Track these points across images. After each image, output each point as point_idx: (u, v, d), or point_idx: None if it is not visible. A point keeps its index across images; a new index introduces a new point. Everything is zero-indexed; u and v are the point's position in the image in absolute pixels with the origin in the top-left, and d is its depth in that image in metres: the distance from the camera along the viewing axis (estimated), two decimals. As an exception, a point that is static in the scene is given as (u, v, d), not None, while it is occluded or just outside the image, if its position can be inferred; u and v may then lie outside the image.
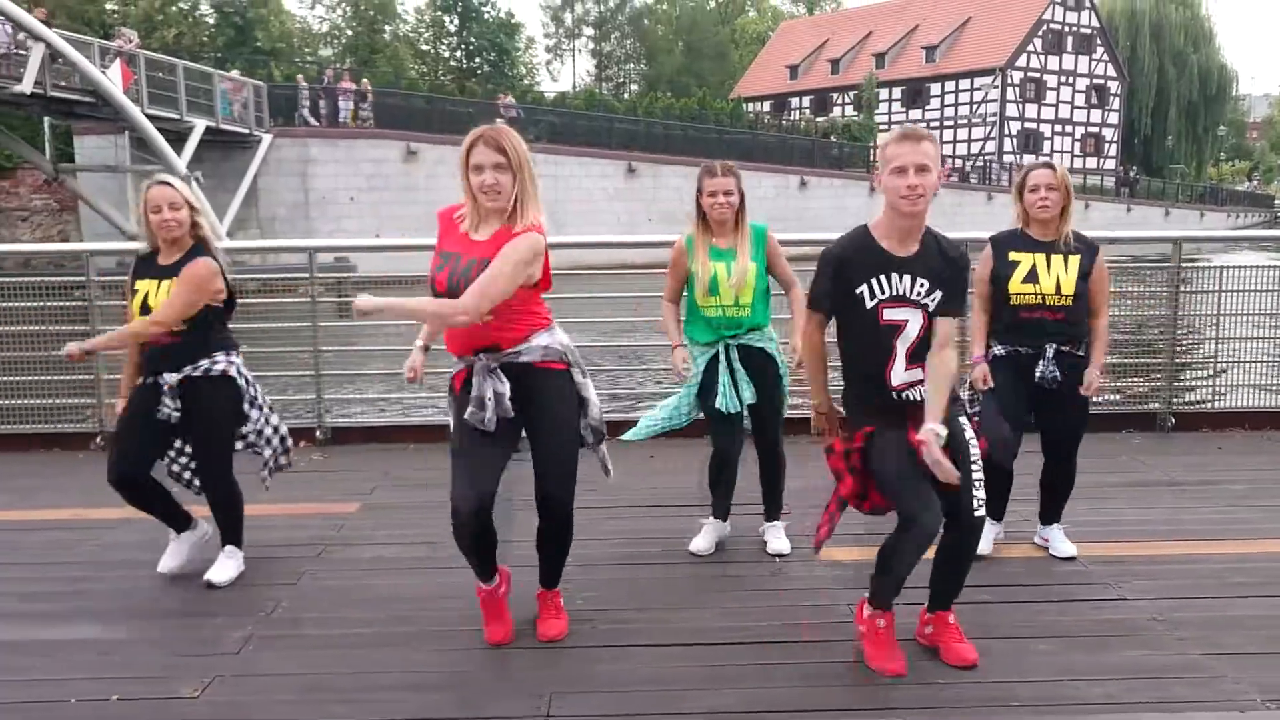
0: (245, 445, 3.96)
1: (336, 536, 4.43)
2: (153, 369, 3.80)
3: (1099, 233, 5.60)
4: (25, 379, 6.24)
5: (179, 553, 3.97)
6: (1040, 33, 55.46)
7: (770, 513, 4.24)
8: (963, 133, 55.64)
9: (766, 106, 60.54)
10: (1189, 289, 6.56)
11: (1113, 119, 58.90)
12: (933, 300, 2.96)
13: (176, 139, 23.69)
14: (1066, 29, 56.45)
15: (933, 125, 54.28)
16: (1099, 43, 57.56)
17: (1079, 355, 3.94)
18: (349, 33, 54.95)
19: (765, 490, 4.21)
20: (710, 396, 3.98)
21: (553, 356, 3.18)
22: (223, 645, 3.35)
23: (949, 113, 56.24)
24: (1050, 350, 3.87)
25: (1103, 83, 58.05)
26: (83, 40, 22.69)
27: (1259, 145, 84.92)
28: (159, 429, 3.80)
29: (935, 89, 56.87)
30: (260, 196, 27.24)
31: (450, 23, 56.89)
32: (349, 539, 4.40)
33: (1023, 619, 3.49)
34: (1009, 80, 54.70)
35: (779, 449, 4.16)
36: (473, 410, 3.10)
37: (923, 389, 2.98)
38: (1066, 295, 3.85)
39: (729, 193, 3.89)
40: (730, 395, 3.94)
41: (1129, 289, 7.15)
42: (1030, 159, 4.06)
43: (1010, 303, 3.90)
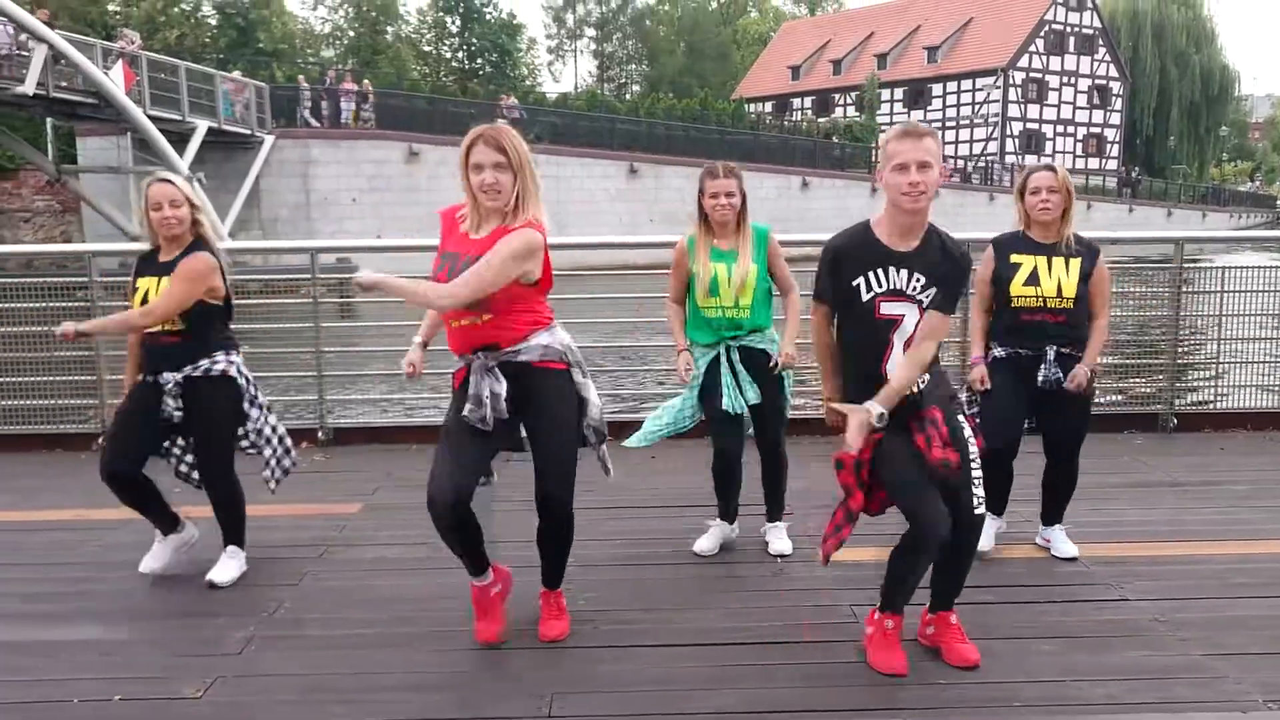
0: (246, 445, 3.96)
1: (339, 537, 4.43)
2: (153, 368, 3.80)
3: (1101, 233, 5.60)
4: (28, 380, 6.25)
5: (162, 554, 3.95)
6: (1042, 33, 55.47)
7: (772, 513, 4.24)
8: (964, 133, 55.65)
9: (768, 107, 60.56)
10: (1191, 289, 6.55)
11: (1115, 119, 58.89)
12: (928, 296, 2.96)
13: (179, 140, 23.75)
14: (1068, 29, 56.44)
15: (935, 126, 54.06)
16: (1101, 43, 57.55)
17: (1079, 358, 3.94)
18: (351, 34, 55.02)
19: (767, 491, 4.21)
20: (713, 399, 3.98)
21: (552, 356, 3.17)
22: (225, 646, 3.35)
23: (951, 113, 56.25)
24: (1051, 353, 3.87)
25: (1105, 83, 58.03)
26: (85, 41, 22.74)
27: (1261, 146, 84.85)
28: (157, 427, 3.80)
29: (937, 89, 56.88)
30: (262, 197, 27.29)
31: (452, 24, 56.97)
32: (351, 540, 4.41)
33: (1025, 619, 3.49)
34: (1011, 81, 54.70)
35: (781, 449, 4.16)
36: (470, 408, 3.10)
37: (920, 381, 2.99)
38: (1068, 298, 3.85)
39: (731, 194, 3.88)
40: (735, 396, 3.94)
41: (1131, 289, 7.15)
42: (1032, 160, 4.05)
43: (1012, 305, 3.91)
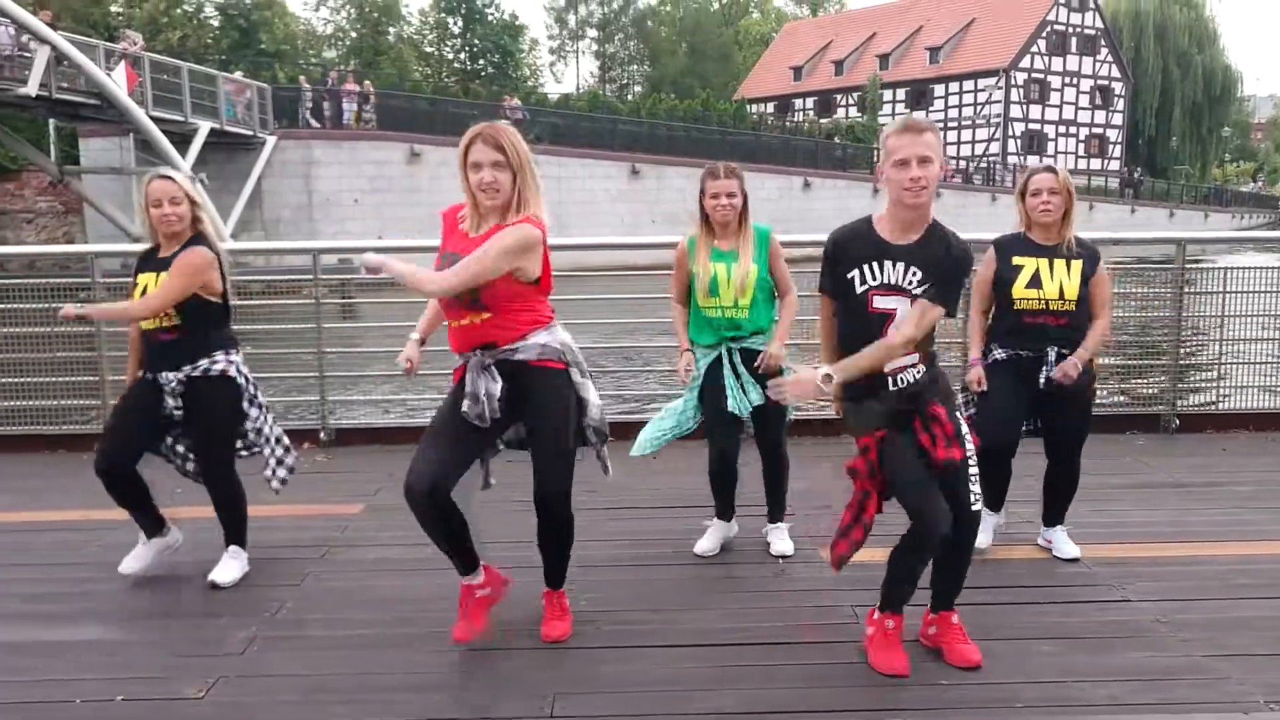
0: (245, 445, 3.96)
1: (340, 538, 4.43)
2: (153, 366, 3.80)
3: (1103, 234, 5.60)
4: (31, 381, 6.26)
5: (145, 556, 3.94)
6: (1044, 34, 55.43)
7: (774, 514, 4.24)
8: (967, 134, 55.62)
9: (770, 108, 60.56)
10: (1193, 290, 6.55)
11: (1117, 120, 58.83)
12: (924, 291, 2.95)
13: (181, 141, 23.78)
14: (1070, 30, 56.39)
15: (937, 126, 54.17)
16: (1103, 44, 57.49)
17: None
18: (353, 35, 55.07)
19: (768, 492, 4.21)
20: (712, 400, 3.98)
21: (550, 355, 3.15)
22: (227, 646, 3.36)
23: (953, 114, 56.19)
24: (1052, 354, 3.87)
25: (1107, 84, 57.98)
26: (88, 43, 22.80)
27: (1263, 146, 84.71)
28: (154, 424, 3.81)
29: (939, 90, 56.84)
30: (264, 198, 27.32)
31: (454, 25, 57.04)
32: (353, 540, 4.41)
33: (1026, 620, 3.49)
34: (1013, 81, 54.67)
35: (782, 450, 4.15)
36: (468, 405, 3.11)
37: (915, 373, 2.99)
38: (1070, 300, 3.85)
39: (731, 194, 3.89)
40: (740, 397, 3.94)
41: (1133, 290, 7.15)
42: (1034, 160, 4.07)
43: (1014, 307, 3.91)
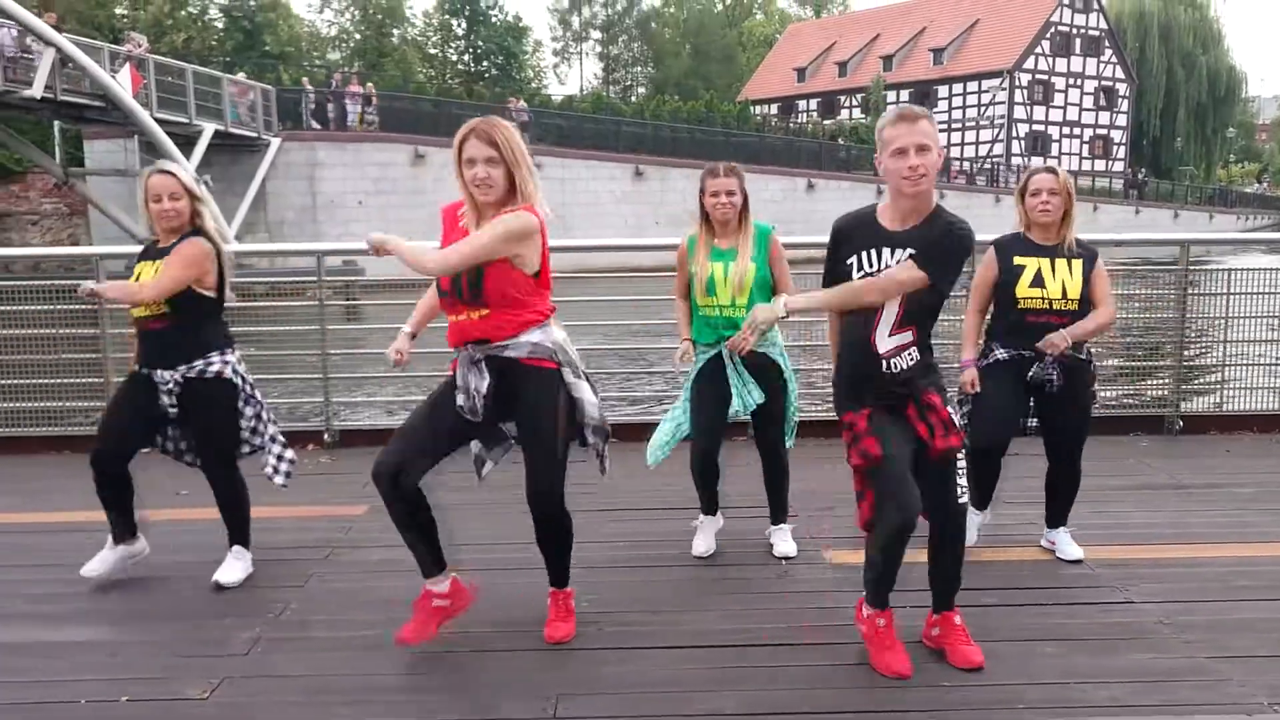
0: (243, 444, 3.96)
1: (344, 539, 4.44)
2: (147, 359, 3.80)
3: (1107, 235, 5.60)
4: (35, 382, 6.28)
5: (108, 560, 3.89)
6: (1048, 35, 55.36)
7: (776, 515, 4.24)
8: (970, 135, 55.57)
9: (774, 109, 60.54)
10: (1197, 291, 6.54)
11: (1121, 121, 58.74)
12: (911, 256, 2.95)
13: (185, 143, 23.84)
14: (1074, 31, 56.33)
15: (940, 128, 53.99)
16: (1107, 45, 57.40)
17: (1081, 359, 3.95)
18: (357, 36, 55.12)
19: (770, 493, 4.21)
20: (703, 398, 4.01)
21: (541, 354, 3.14)
22: (231, 647, 3.37)
23: (957, 115, 56.15)
24: (1052, 354, 3.87)
25: (1111, 85, 57.90)
26: (93, 45, 22.86)
27: (1268, 147, 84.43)
28: (149, 421, 3.81)
29: (943, 91, 56.78)
30: (268, 200, 27.35)
31: (458, 26, 57.04)
32: (357, 541, 4.42)
33: (1029, 622, 3.49)
34: (1017, 82, 54.60)
35: (781, 451, 4.15)
36: (460, 399, 3.13)
37: (909, 357, 3.00)
38: (1072, 299, 3.86)
39: (731, 193, 3.90)
40: (745, 395, 3.96)
41: (1137, 291, 7.14)
42: (1038, 161, 4.08)
43: (1017, 306, 3.91)
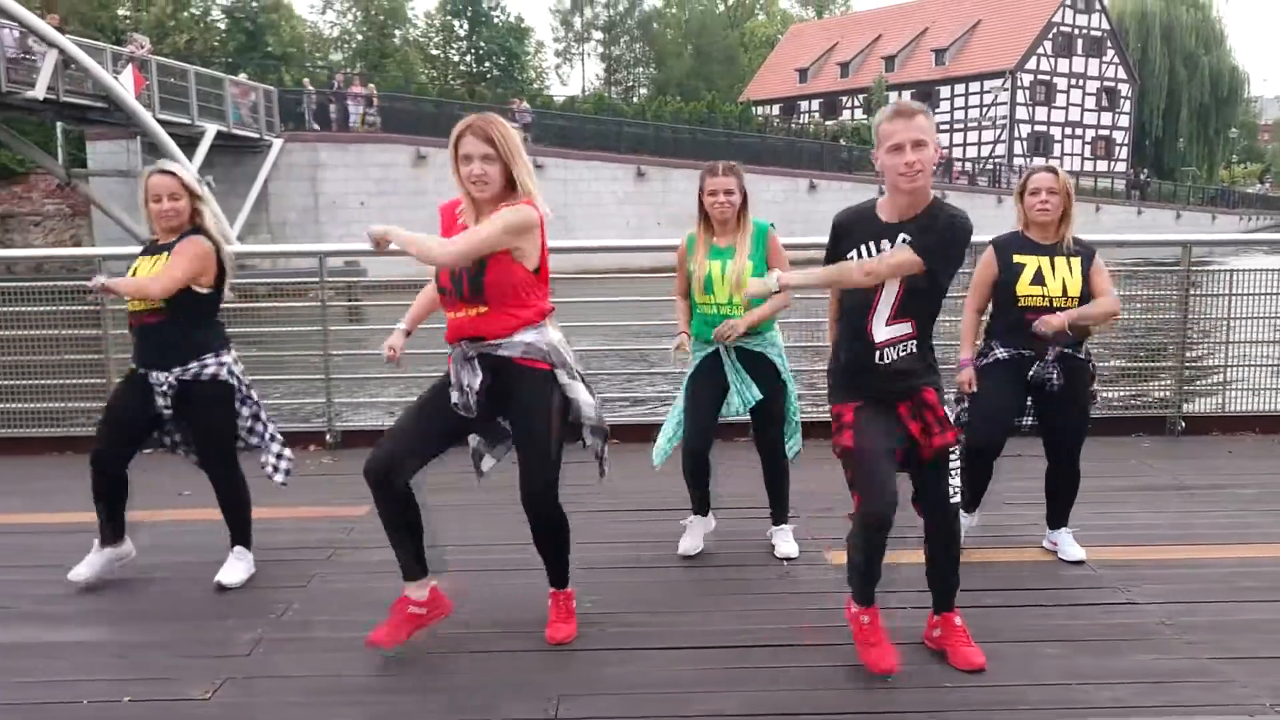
0: (242, 444, 3.96)
1: (346, 540, 4.44)
2: (142, 357, 3.80)
3: (1109, 236, 5.59)
4: (38, 383, 6.28)
5: (95, 564, 3.89)
6: (1050, 35, 55.35)
7: (777, 516, 4.24)
8: (972, 135, 55.56)
9: (776, 110, 60.57)
10: (1199, 292, 6.53)
11: (1123, 121, 58.72)
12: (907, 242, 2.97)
13: (188, 144, 23.87)
14: (1076, 31, 56.31)
15: (942, 128, 54.20)
16: (1109, 45, 57.38)
17: (1081, 358, 3.95)
18: (359, 37, 55.18)
19: (770, 494, 4.21)
20: (697, 397, 4.02)
21: (534, 355, 3.13)
22: (233, 647, 3.37)
23: (959, 116, 56.15)
24: (1052, 353, 3.88)
25: (1113, 85, 57.87)
26: (95, 46, 22.89)
27: (1271, 147, 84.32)
28: (145, 424, 3.82)
29: (945, 92, 56.76)
30: (271, 201, 27.38)
31: (460, 27, 57.11)
32: (358, 542, 4.42)
33: (1031, 623, 3.48)
34: (1019, 83, 54.58)
35: (781, 451, 4.15)
36: (455, 394, 3.14)
37: (903, 349, 3.00)
38: (1073, 297, 3.86)
39: (730, 191, 3.91)
40: (745, 392, 3.97)
41: (1139, 292, 7.14)
42: (1040, 162, 4.07)
43: (1018, 304, 3.91)
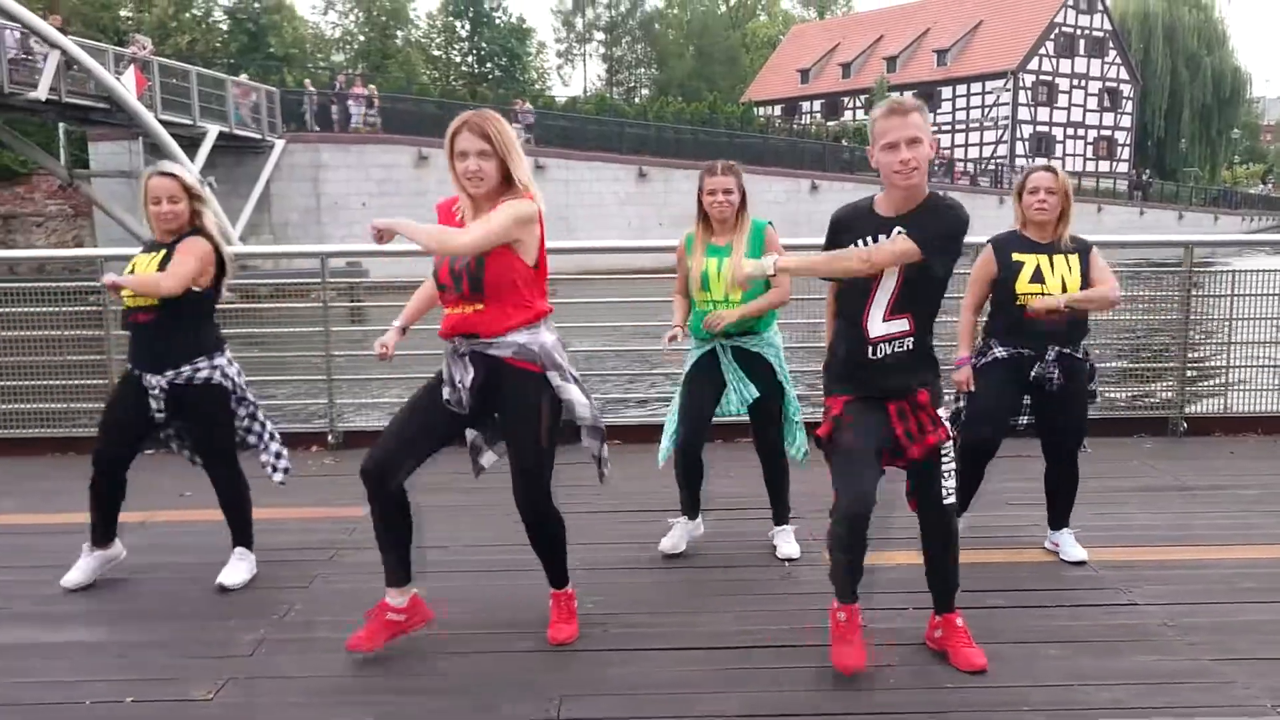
0: (241, 444, 3.97)
1: (348, 540, 4.45)
2: (136, 358, 3.80)
3: (1111, 236, 5.59)
4: (40, 383, 6.29)
5: (87, 568, 3.91)
6: (1052, 36, 55.31)
7: (778, 517, 4.25)
8: (974, 136, 55.54)
9: (777, 110, 60.53)
10: (1201, 293, 6.53)
11: (1125, 122, 58.67)
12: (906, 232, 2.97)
13: (190, 144, 23.89)
14: (1078, 32, 56.28)
15: (944, 129, 54.22)
16: (1111, 45, 57.34)
17: (1080, 357, 3.95)
18: (361, 38, 55.21)
19: (771, 494, 4.22)
20: (691, 397, 4.02)
21: (525, 357, 3.12)
22: (236, 648, 3.37)
23: (960, 116, 56.13)
24: (1052, 352, 3.88)
25: (1115, 86, 57.83)
26: (98, 47, 22.91)
27: (1273, 148, 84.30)
28: (143, 426, 3.82)
29: (946, 93, 56.76)
30: (273, 202, 27.40)
31: (462, 28, 57.13)
32: (360, 543, 4.40)
33: (1032, 624, 3.49)
34: (1021, 83, 54.56)
35: (780, 450, 4.15)
36: (446, 391, 3.15)
37: (896, 346, 3.01)
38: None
39: (728, 191, 3.92)
40: (743, 389, 3.97)
41: (1141, 293, 7.13)
42: (1042, 162, 4.06)
43: (1017, 303, 3.90)
